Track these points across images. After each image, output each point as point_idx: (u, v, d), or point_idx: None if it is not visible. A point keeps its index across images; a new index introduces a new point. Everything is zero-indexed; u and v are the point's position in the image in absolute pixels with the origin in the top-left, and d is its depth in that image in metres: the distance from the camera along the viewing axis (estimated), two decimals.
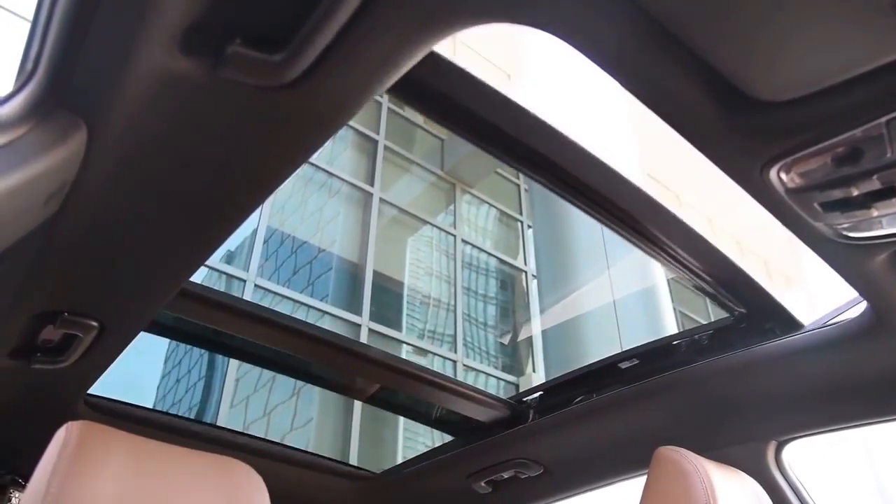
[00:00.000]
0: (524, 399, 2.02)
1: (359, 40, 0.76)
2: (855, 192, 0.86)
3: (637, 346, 1.77)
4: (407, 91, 1.04)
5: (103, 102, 0.81)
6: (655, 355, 1.73)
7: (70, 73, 0.80)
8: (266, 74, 0.78)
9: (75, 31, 0.76)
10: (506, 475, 2.00)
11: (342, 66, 0.79)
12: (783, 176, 0.88)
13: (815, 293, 11.37)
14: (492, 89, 1.09)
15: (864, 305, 1.27)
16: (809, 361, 1.43)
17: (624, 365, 1.77)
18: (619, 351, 1.80)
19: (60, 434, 1.05)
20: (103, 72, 0.79)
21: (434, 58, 0.96)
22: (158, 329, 1.66)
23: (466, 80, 1.07)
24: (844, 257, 1.06)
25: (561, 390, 1.94)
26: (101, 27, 0.76)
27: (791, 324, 1.51)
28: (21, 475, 1.73)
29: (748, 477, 1.45)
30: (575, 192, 1.30)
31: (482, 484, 2.06)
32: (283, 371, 2.01)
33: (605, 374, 1.81)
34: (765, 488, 1.45)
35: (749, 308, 1.54)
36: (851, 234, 0.98)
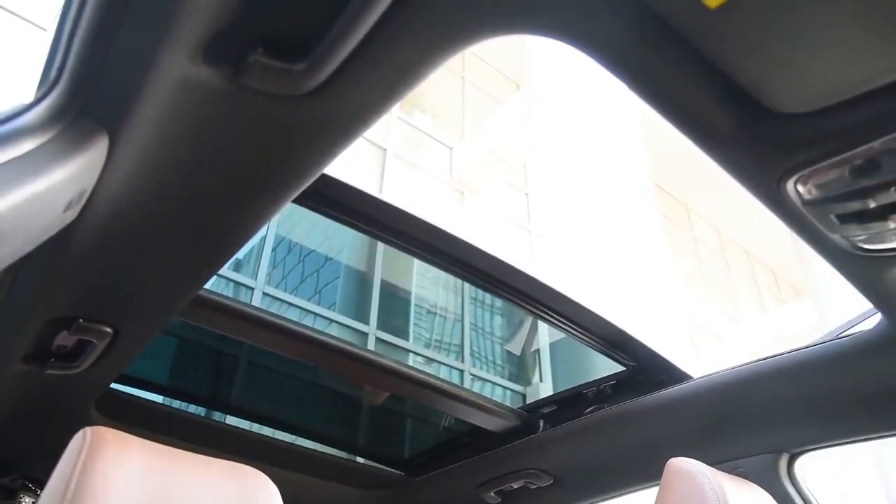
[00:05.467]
0: (535, 409, 2.02)
1: (380, 50, 0.76)
2: (872, 205, 0.86)
3: (555, 394, 2.04)
4: (315, 205, 1.31)
5: (125, 110, 0.82)
6: (570, 402, 1.96)
7: (93, 81, 0.81)
8: (287, 83, 0.79)
9: (99, 40, 0.77)
10: (515, 485, 2.00)
11: (362, 76, 0.80)
12: (800, 188, 0.87)
13: (823, 304, 11.31)
14: (387, 202, 1.39)
15: (878, 317, 1.27)
16: (823, 373, 1.43)
17: (545, 410, 2.01)
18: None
19: (77, 439, 1.05)
20: (126, 80, 0.80)
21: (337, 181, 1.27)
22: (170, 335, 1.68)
23: (365, 195, 1.36)
24: (860, 269, 1.06)
25: (572, 401, 1.94)
26: (124, 36, 0.77)
27: (677, 375, 1.73)
28: (31, 479, 1.73)
29: (760, 489, 1.45)
30: (480, 281, 1.58)
31: (492, 494, 2.05)
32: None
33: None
34: (777, 500, 1.44)
35: (638, 362, 1.80)
36: (868, 246, 0.97)
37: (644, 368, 1.80)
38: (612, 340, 1.76)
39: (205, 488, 1.13)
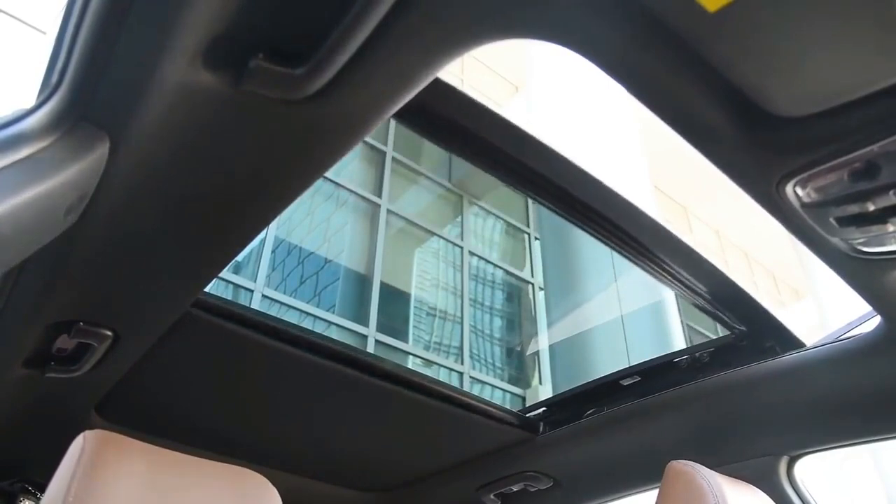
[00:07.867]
0: (534, 412, 2.02)
1: (380, 55, 0.76)
2: (871, 208, 0.86)
3: (639, 363, 1.79)
4: (414, 118, 1.09)
5: (126, 115, 0.82)
6: (657, 372, 1.75)
7: (94, 86, 0.81)
8: (288, 88, 0.79)
9: (101, 45, 0.77)
10: (515, 488, 2.00)
11: (363, 81, 0.80)
12: (799, 191, 0.88)
13: (823, 306, 11.32)
14: (497, 115, 1.15)
15: (877, 320, 1.27)
16: (822, 376, 1.43)
17: (626, 382, 1.80)
18: (626, 365, 1.82)
19: (77, 443, 1.05)
20: (127, 85, 0.80)
21: (440, 85, 1.01)
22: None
23: (472, 105, 1.12)
24: (859, 272, 1.06)
25: (571, 403, 1.94)
26: (125, 41, 0.77)
27: (791, 342, 1.53)
28: (31, 483, 1.73)
29: (760, 492, 1.45)
30: (577, 213, 1.35)
31: (491, 497, 2.05)
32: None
33: (611, 389, 1.84)
34: (777, 503, 1.45)
35: (749, 326, 1.57)
36: (866, 249, 0.98)
37: (752, 333, 1.57)
38: (725, 299, 1.52)
39: (205, 492, 1.13)
